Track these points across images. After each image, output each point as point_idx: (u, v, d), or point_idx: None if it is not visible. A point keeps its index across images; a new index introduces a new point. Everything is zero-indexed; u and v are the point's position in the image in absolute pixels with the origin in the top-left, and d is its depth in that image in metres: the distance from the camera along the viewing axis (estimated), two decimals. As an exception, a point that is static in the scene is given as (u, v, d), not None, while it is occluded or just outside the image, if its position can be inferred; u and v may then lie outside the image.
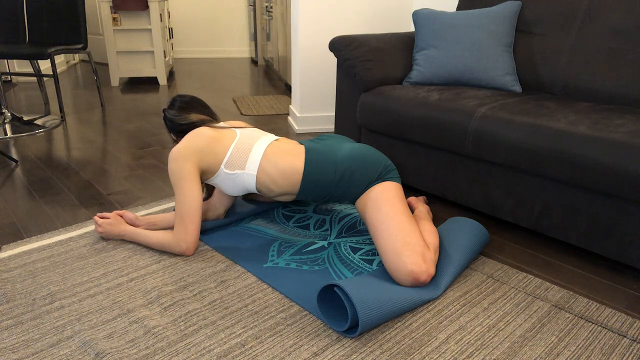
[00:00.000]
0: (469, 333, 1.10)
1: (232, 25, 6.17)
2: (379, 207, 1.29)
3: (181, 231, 1.36)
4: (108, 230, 1.47)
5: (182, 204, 1.35)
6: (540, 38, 1.85)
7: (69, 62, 5.21)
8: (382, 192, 1.31)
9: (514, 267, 1.40)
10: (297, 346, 1.05)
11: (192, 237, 1.37)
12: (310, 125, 2.82)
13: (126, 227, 1.47)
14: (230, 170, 1.40)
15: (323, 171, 1.36)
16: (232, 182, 1.42)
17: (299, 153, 1.39)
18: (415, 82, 1.92)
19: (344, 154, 1.37)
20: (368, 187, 1.34)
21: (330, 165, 1.36)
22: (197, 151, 1.37)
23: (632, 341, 1.09)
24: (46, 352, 1.02)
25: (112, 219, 1.49)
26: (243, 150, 1.40)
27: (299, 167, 1.37)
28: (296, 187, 1.39)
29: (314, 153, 1.38)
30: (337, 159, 1.37)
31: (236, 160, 1.39)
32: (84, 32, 2.98)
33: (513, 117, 1.45)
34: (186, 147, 1.37)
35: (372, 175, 1.34)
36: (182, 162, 1.36)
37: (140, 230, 1.45)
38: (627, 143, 1.22)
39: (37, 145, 2.45)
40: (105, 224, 1.47)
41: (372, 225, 1.29)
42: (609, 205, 1.30)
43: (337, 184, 1.36)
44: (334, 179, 1.35)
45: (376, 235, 1.27)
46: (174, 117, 1.50)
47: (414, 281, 1.20)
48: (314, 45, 2.65)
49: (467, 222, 1.43)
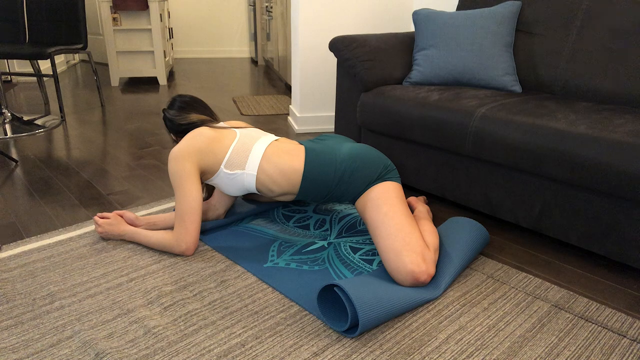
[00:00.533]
0: (469, 333, 1.10)
1: (232, 25, 6.17)
2: (378, 207, 1.29)
3: (181, 231, 1.36)
4: (108, 230, 1.47)
5: (182, 204, 1.35)
6: (540, 38, 1.85)
7: (69, 62, 5.21)
8: (382, 192, 1.31)
9: (514, 267, 1.40)
10: (297, 346, 1.05)
11: (193, 237, 1.37)
12: (310, 125, 2.82)
13: (126, 227, 1.46)
14: (230, 170, 1.40)
15: (323, 171, 1.36)
16: (231, 182, 1.42)
17: (299, 153, 1.39)
18: (415, 82, 1.92)
19: (344, 154, 1.37)
20: (368, 187, 1.34)
21: (330, 165, 1.36)
22: (197, 151, 1.37)
23: (632, 341, 1.09)
24: (46, 352, 1.02)
25: (112, 219, 1.49)
26: (243, 150, 1.40)
27: (299, 167, 1.37)
28: (296, 187, 1.39)
29: (313, 153, 1.38)
30: (337, 158, 1.37)
31: (236, 160, 1.39)
32: (84, 32, 2.98)
33: (513, 117, 1.45)
34: (186, 146, 1.37)
35: (372, 175, 1.34)
36: (182, 162, 1.36)
37: (141, 230, 1.45)
38: (627, 143, 1.22)
39: (37, 145, 2.45)
40: (106, 224, 1.47)
41: (372, 225, 1.29)
42: (609, 205, 1.30)
43: (337, 184, 1.36)
44: (333, 178, 1.35)
45: (376, 235, 1.27)
46: (174, 117, 1.50)
47: (414, 281, 1.20)
48: (314, 45, 2.65)
49: (467, 222, 1.43)
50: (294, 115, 2.92)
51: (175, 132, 1.52)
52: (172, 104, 1.53)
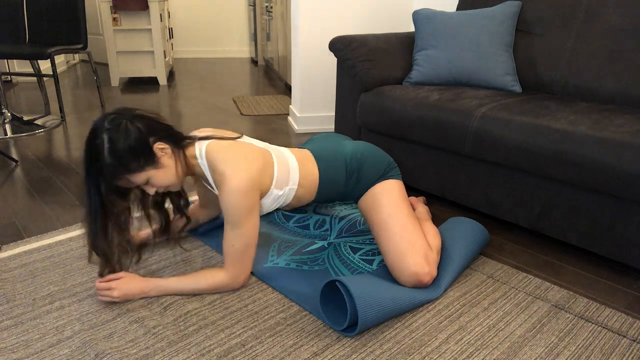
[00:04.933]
0: (469, 333, 1.10)
1: (232, 25, 6.17)
2: (382, 207, 1.28)
3: (239, 269, 1.20)
4: (126, 290, 1.17)
5: (243, 240, 1.17)
6: (540, 38, 1.85)
7: (69, 62, 5.21)
8: (386, 191, 1.31)
9: (514, 267, 1.39)
10: (297, 346, 1.05)
11: (249, 272, 1.24)
12: (310, 125, 2.82)
13: (148, 282, 1.19)
14: (279, 190, 1.25)
15: (336, 172, 1.33)
16: (273, 202, 1.28)
17: (311, 158, 1.35)
18: (415, 82, 1.92)
19: (350, 153, 1.35)
20: (372, 185, 1.33)
21: (340, 164, 1.33)
22: (259, 174, 1.17)
23: (632, 341, 1.09)
24: (46, 352, 1.02)
25: (124, 276, 1.19)
26: (284, 164, 1.27)
27: (316, 172, 1.33)
28: (314, 191, 1.34)
29: (322, 156, 1.35)
30: (344, 157, 1.34)
31: (282, 177, 1.25)
32: (84, 32, 2.98)
33: (513, 117, 1.45)
34: (251, 172, 1.15)
35: (378, 172, 1.33)
36: (253, 194, 1.15)
37: (170, 280, 1.20)
38: (627, 143, 1.22)
39: (37, 145, 2.45)
40: (122, 284, 1.17)
41: (376, 225, 1.28)
42: (609, 205, 1.30)
43: (347, 182, 1.34)
44: (344, 177, 1.33)
45: (380, 235, 1.27)
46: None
47: (416, 283, 1.20)
48: (314, 45, 2.65)
49: (467, 222, 1.43)
50: (293, 115, 2.92)
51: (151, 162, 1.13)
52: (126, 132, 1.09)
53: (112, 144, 1.07)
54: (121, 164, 1.08)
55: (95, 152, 1.07)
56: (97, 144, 1.07)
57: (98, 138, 1.08)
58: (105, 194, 1.10)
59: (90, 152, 1.08)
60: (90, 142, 1.08)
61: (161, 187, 1.17)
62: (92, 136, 1.09)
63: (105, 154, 1.07)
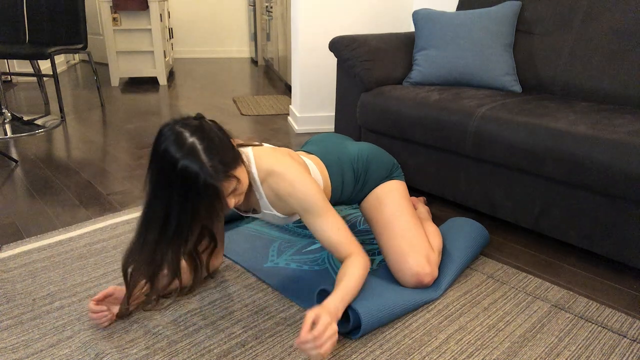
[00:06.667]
0: (469, 333, 1.10)
1: (232, 25, 6.17)
2: (385, 207, 1.28)
3: (357, 241, 1.14)
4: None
5: (338, 218, 1.13)
6: (540, 38, 1.85)
7: (69, 62, 5.21)
8: (389, 191, 1.30)
9: (514, 267, 1.40)
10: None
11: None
12: (310, 125, 2.82)
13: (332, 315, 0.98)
14: None
15: (344, 177, 1.31)
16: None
17: (320, 162, 1.31)
18: (415, 82, 1.92)
19: (355, 157, 1.33)
20: (376, 185, 1.33)
21: (348, 170, 1.31)
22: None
23: (632, 341, 1.09)
24: (46, 352, 1.02)
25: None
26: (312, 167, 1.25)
27: (327, 176, 1.29)
28: (328, 196, 1.31)
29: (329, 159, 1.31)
30: (351, 162, 1.32)
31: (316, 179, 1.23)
32: (84, 32, 2.98)
33: (513, 117, 1.45)
34: (297, 164, 1.14)
35: (383, 175, 1.33)
36: (312, 179, 1.13)
37: (338, 303, 1.00)
38: (627, 143, 1.22)
39: (37, 145, 2.45)
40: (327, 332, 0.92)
41: (378, 225, 1.28)
42: (609, 205, 1.30)
43: (354, 187, 1.32)
44: (353, 180, 1.32)
45: (382, 235, 1.26)
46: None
47: (417, 283, 1.20)
48: (314, 45, 2.65)
49: (467, 222, 1.43)
50: (294, 115, 2.92)
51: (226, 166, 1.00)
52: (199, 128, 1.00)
53: (207, 143, 0.96)
54: (221, 162, 0.97)
55: (191, 153, 0.94)
56: (190, 144, 0.95)
57: (187, 141, 0.95)
58: (194, 205, 0.96)
59: (184, 157, 0.94)
60: (180, 147, 0.94)
61: (243, 192, 1.06)
62: (180, 141, 0.95)
63: (202, 155, 0.94)
